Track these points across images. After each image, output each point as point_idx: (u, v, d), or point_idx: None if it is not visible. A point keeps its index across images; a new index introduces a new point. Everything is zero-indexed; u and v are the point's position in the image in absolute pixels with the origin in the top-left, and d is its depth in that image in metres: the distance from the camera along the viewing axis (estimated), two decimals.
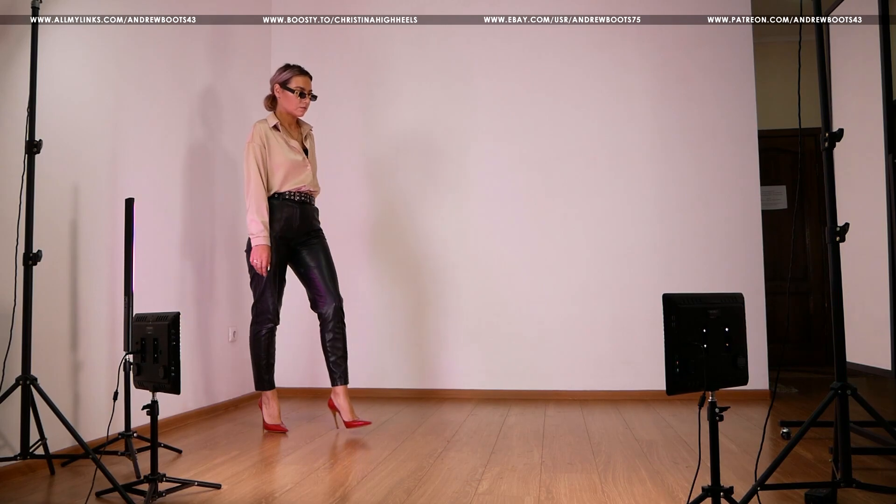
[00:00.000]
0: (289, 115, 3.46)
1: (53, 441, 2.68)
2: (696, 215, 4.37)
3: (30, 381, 2.47)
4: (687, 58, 4.45)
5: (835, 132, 2.17)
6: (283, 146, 3.39)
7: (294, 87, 3.40)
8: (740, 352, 1.88)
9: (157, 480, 2.23)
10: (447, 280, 4.54)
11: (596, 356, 4.36)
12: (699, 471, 2.31)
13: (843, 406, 2.08)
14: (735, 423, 3.42)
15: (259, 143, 3.35)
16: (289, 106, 3.43)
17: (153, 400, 2.24)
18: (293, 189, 3.40)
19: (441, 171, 4.59)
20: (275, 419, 3.46)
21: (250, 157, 3.34)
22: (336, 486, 2.42)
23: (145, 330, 2.26)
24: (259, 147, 3.34)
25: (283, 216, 3.37)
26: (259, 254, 3.30)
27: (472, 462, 2.75)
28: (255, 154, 3.34)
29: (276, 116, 3.44)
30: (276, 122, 3.41)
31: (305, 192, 3.45)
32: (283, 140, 3.40)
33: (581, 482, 2.43)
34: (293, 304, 4.72)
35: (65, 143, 2.92)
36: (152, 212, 3.46)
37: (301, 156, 3.44)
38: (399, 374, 4.55)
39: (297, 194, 3.42)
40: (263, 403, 3.51)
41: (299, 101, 3.42)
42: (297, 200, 3.42)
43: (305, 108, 3.45)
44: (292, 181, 3.40)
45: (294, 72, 3.43)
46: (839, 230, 2.13)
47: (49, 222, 2.81)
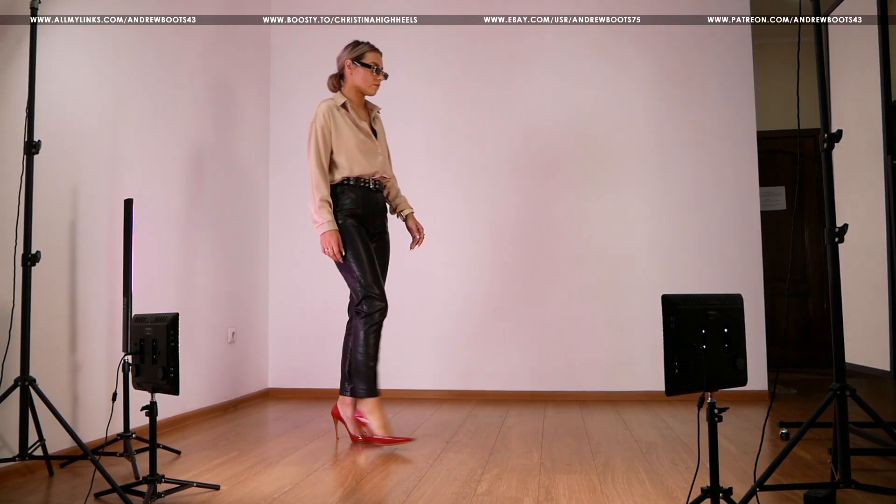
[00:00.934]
0: (358, 94, 3.20)
1: (52, 442, 2.67)
2: (696, 216, 4.37)
3: (28, 381, 2.47)
4: (686, 59, 4.45)
5: (834, 133, 2.17)
6: (352, 127, 3.12)
7: (369, 61, 3.15)
8: (739, 353, 1.88)
9: (156, 481, 2.23)
10: (446, 282, 4.54)
11: (595, 357, 4.37)
12: (698, 471, 2.31)
13: (843, 407, 2.08)
14: (734, 424, 3.42)
15: (321, 123, 3.08)
16: (362, 83, 3.16)
17: (152, 401, 2.24)
18: (363, 174, 3.12)
19: (441, 171, 4.59)
20: (387, 430, 3.05)
21: (311, 139, 3.07)
22: (335, 488, 2.42)
23: (144, 331, 2.26)
24: (321, 128, 3.07)
25: (350, 201, 3.09)
26: (327, 242, 3.02)
27: (471, 463, 2.75)
28: (318, 135, 3.07)
29: (343, 95, 3.18)
30: (344, 100, 3.15)
31: (377, 178, 3.18)
32: (351, 120, 3.13)
33: (580, 483, 2.43)
34: (293, 304, 4.73)
35: (63, 144, 2.92)
36: (151, 212, 3.46)
37: (371, 138, 3.18)
38: (397, 376, 4.54)
39: (369, 181, 3.15)
40: (368, 413, 3.06)
41: (374, 78, 3.16)
42: (367, 187, 3.14)
43: (378, 85, 3.19)
44: (362, 165, 3.11)
45: (367, 47, 3.17)
46: (838, 231, 2.13)
47: (48, 223, 2.81)
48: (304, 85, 4.78)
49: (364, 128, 3.17)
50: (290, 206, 4.75)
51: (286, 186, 4.76)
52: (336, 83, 3.26)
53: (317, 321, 4.66)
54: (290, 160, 4.77)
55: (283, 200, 4.76)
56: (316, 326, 4.67)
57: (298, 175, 4.75)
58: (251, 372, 4.47)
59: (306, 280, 4.69)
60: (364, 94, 3.22)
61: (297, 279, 4.72)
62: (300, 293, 4.72)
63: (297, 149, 4.77)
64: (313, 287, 4.67)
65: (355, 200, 3.10)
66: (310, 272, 4.68)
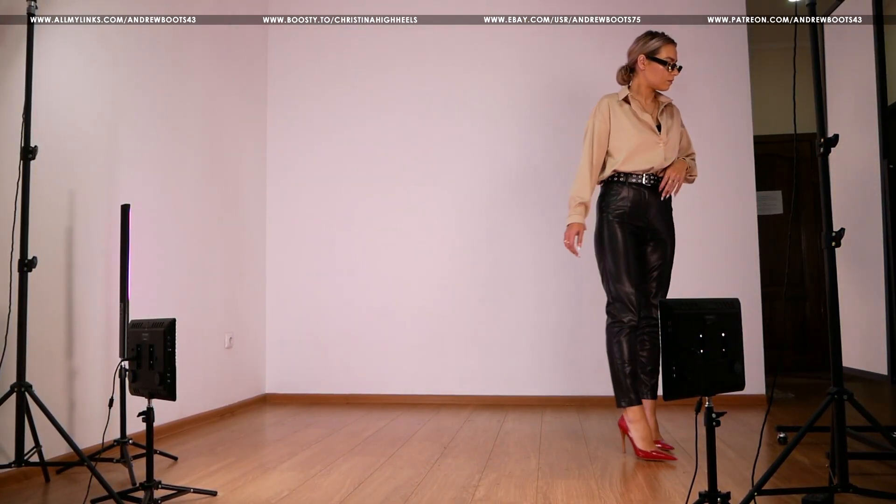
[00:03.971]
0: (649, 89, 3.06)
1: (48, 448, 2.66)
2: (692, 221, 4.37)
3: (25, 387, 2.46)
4: (683, 63, 4.45)
5: (830, 138, 2.18)
6: (633, 120, 3.01)
7: (665, 57, 2.99)
8: (737, 357, 1.88)
9: (153, 488, 2.22)
10: (445, 285, 4.54)
11: (593, 361, 4.36)
12: (696, 476, 2.31)
13: (840, 411, 2.09)
14: (732, 429, 3.41)
15: (601, 118, 3.03)
16: (655, 78, 3.01)
17: (149, 407, 2.23)
18: (639, 170, 2.99)
19: (440, 171, 4.59)
20: (648, 442, 2.84)
21: (587, 131, 3.05)
22: (332, 493, 2.41)
23: (141, 336, 2.25)
24: (600, 121, 3.03)
25: (622, 198, 2.99)
26: (567, 234, 3.00)
27: (468, 468, 2.74)
28: (592, 128, 3.03)
29: (629, 90, 3.08)
30: (626, 94, 3.06)
31: (654, 173, 3.01)
32: (632, 114, 3.02)
33: (578, 488, 2.42)
34: (290, 309, 4.72)
35: (60, 149, 2.91)
36: (148, 217, 3.45)
37: (652, 133, 3.01)
38: (395, 381, 4.54)
39: (644, 175, 3.01)
40: (630, 423, 2.91)
41: (668, 74, 3.00)
42: (642, 183, 3.00)
43: (671, 81, 3.03)
44: (638, 160, 2.99)
45: (663, 40, 3.02)
46: (835, 235, 2.14)
47: (44, 228, 2.81)
48: (303, 88, 4.79)
49: (647, 120, 3.02)
50: (288, 210, 4.75)
51: (284, 191, 4.76)
52: (625, 76, 3.14)
53: (314, 326, 4.66)
54: (287, 164, 4.77)
55: (280, 205, 4.76)
56: (313, 332, 4.66)
57: (296, 179, 4.75)
58: (248, 377, 4.46)
59: (304, 285, 4.68)
60: (659, 90, 3.09)
61: (294, 284, 4.72)
62: (297, 298, 4.71)
63: (294, 152, 4.77)
64: (310, 292, 4.67)
65: (623, 198, 3.00)
66: (307, 277, 4.68)
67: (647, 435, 2.85)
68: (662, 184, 3.00)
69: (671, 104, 3.14)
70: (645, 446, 2.83)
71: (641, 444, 2.84)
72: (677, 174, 3.00)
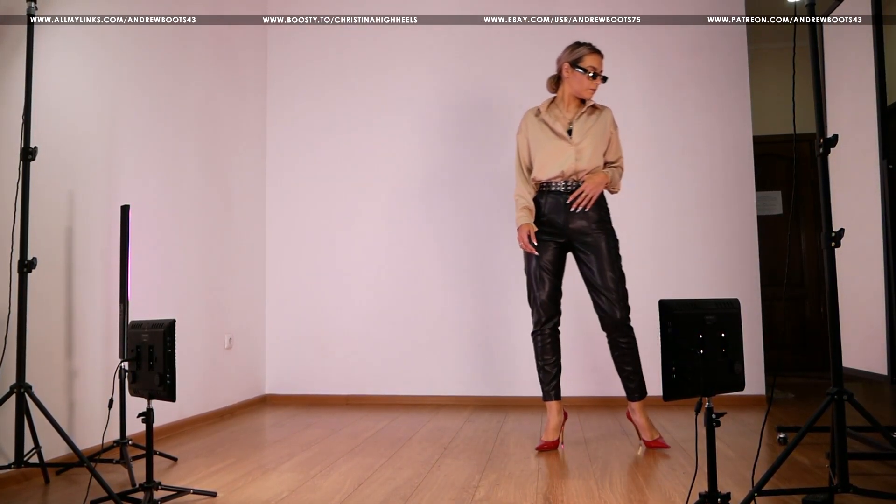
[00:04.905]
0: (572, 97, 3.14)
1: (48, 449, 2.66)
2: (692, 221, 4.37)
3: (24, 388, 2.46)
4: (682, 64, 4.46)
5: (829, 138, 2.18)
6: (545, 130, 3.13)
7: (587, 65, 3.06)
8: (737, 357, 1.88)
9: (153, 489, 2.22)
10: (441, 285, 4.54)
11: (592, 362, 4.36)
12: (696, 477, 2.31)
13: (840, 411, 2.09)
14: (732, 429, 3.41)
15: (521, 134, 3.20)
16: (577, 86, 3.10)
17: (149, 407, 2.23)
18: (552, 177, 3.10)
19: (440, 171, 4.59)
20: (546, 433, 3.11)
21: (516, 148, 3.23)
22: (332, 494, 2.41)
23: (141, 337, 2.25)
24: (521, 137, 3.19)
25: (542, 205, 3.13)
26: (518, 237, 3.12)
27: (468, 469, 2.74)
28: (518, 144, 3.21)
29: (551, 101, 3.19)
30: (547, 105, 3.17)
31: (571, 179, 3.09)
32: (545, 125, 3.14)
33: (578, 489, 2.42)
34: (290, 310, 4.72)
35: (60, 150, 2.91)
36: (148, 218, 3.45)
37: (563, 140, 3.09)
38: (395, 382, 4.53)
39: (561, 183, 3.10)
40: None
41: (589, 82, 3.07)
42: (559, 191, 3.10)
43: (594, 90, 3.10)
44: (549, 168, 3.09)
45: (588, 49, 3.09)
46: (834, 235, 2.14)
47: (44, 229, 2.80)
48: (303, 88, 4.79)
49: (559, 129, 3.10)
50: (288, 211, 4.75)
51: (284, 191, 4.76)
52: (553, 85, 3.23)
53: (314, 327, 4.66)
54: (287, 164, 4.77)
55: (280, 205, 4.76)
56: (313, 332, 4.66)
57: (295, 180, 4.75)
58: (248, 378, 4.46)
59: (303, 286, 4.68)
60: (581, 98, 3.15)
61: (294, 285, 4.72)
62: (297, 299, 4.71)
63: (294, 153, 4.77)
64: (310, 293, 4.67)
65: (544, 205, 3.13)
66: (307, 278, 4.68)
67: (549, 427, 3.10)
68: (573, 196, 3.06)
69: (599, 109, 3.17)
70: (646, 435, 3.06)
71: (644, 434, 3.07)
72: (592, 188, 3.05)
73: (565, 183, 3.10)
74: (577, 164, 3.07)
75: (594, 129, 3.12)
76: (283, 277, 4.72)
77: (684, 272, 4.36)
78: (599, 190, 3.08)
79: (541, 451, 3.03)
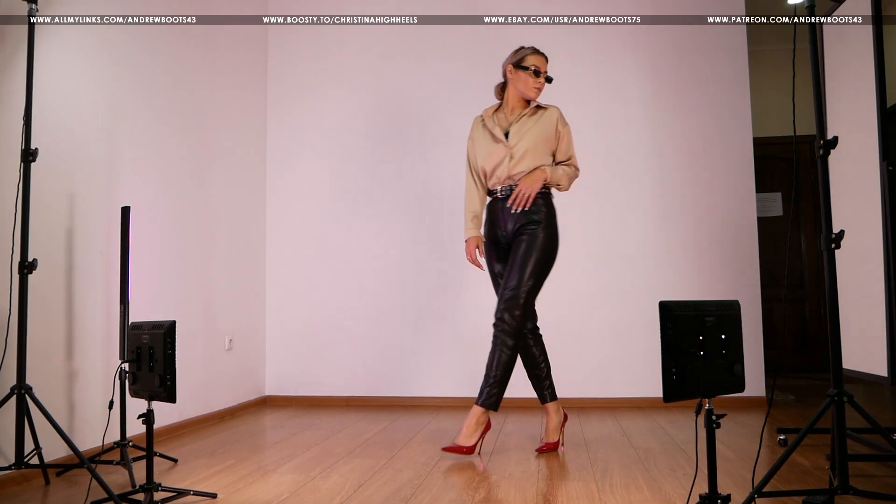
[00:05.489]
0: (518, 100, 3.14)
1: (48, 450, 2.66)
2: (692, 222, 4.38)
3: (25, 390, 2.46)
4: (682, 65, 4.46)
5: (829, 140, 2.18)
6: (486, 135, 3.13)
7: (529, 64, 3.07)
8: (737, 359, 1.88)
9: (153, 490, 2.22)
10: (441, 286, 4.54)
11: (593, 363, 4.36)
12: (696, 478, 2.31)
13: (840, 413, 2.09)
14: (732, 431, 3.41)
15: (469, 141, 3.21)
16: (522, 87, 3.09)
17: (149, 409, 2.23)
18: (493, 182, 3.11)
19: (440, 171, 4.59)
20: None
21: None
22: (332, 496, 2.41)
23: (141, 338, 2.25)
24: (469, 145, 3.21)
25: (488, 211, 3.14)
26: (466, 250, 3.14)
27: (469, 470, 2.74)
28: (467, 150, 3.21)
29: (497, 107, 3.20)
30: (492, 111, 3.18)
31: (508, 183, 3.07)
32: (487, 130, 3.13)
33: (578, 490, 2.42)
34: (291, 311, 4.72)
35: (60, 151, 2.92)
36: (148, 219, 3.45)
37: (499, 143, 3.08)
38: (395, 383, 4.53)
39: (500, 188, 3.10)
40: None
41: (533, 81, 3.07)
42: (498, 196, 3.11)
43: (540, 89, 3.09)
44: (490, 172, 3.11)
45: (531, 50, 3.11)
46: (835, 237, 2.14)
47: (44, 231, 2.81)
48: (303, 88, 4.79)
49: (498, 134, 3.09)
50: (288, 211, 4.75)
51: (283, 192, 4.77)
52: (500, 91, 3.24)
53: (315, 329, 4.66)
54: (287, 164, 4.77)
55: (280, 206, 4.76)
56: (314, 334, 4.66)
57: (295, 181, 4.76)
58: (249, 379, 4.46)
59: (304, 287, 4.68)
60: (526, 98, 3.13)
61: (294, 286, 4.72)
62: (298, 300, 4.72)
63: (294, 154, 4.77)
64: (311, 294, 4.67)
65: (489, 211, 3.15)
66: (307, 279, 4.68)
67: (549, 428, 3.09)
68: (511, 198, 3.03)
69: (543, 108, 3.13)
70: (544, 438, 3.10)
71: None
72: (526, 187, 2.99)
73: (505, 188, 3.08)
74: (512, 165, 3.04)
75: (534, 130, 3.07)
76: (284, 278, 4.72)
77: (684, 273, 4.36)
78: (536, 188, 3.00)
79: (541, 453, 3.03)
